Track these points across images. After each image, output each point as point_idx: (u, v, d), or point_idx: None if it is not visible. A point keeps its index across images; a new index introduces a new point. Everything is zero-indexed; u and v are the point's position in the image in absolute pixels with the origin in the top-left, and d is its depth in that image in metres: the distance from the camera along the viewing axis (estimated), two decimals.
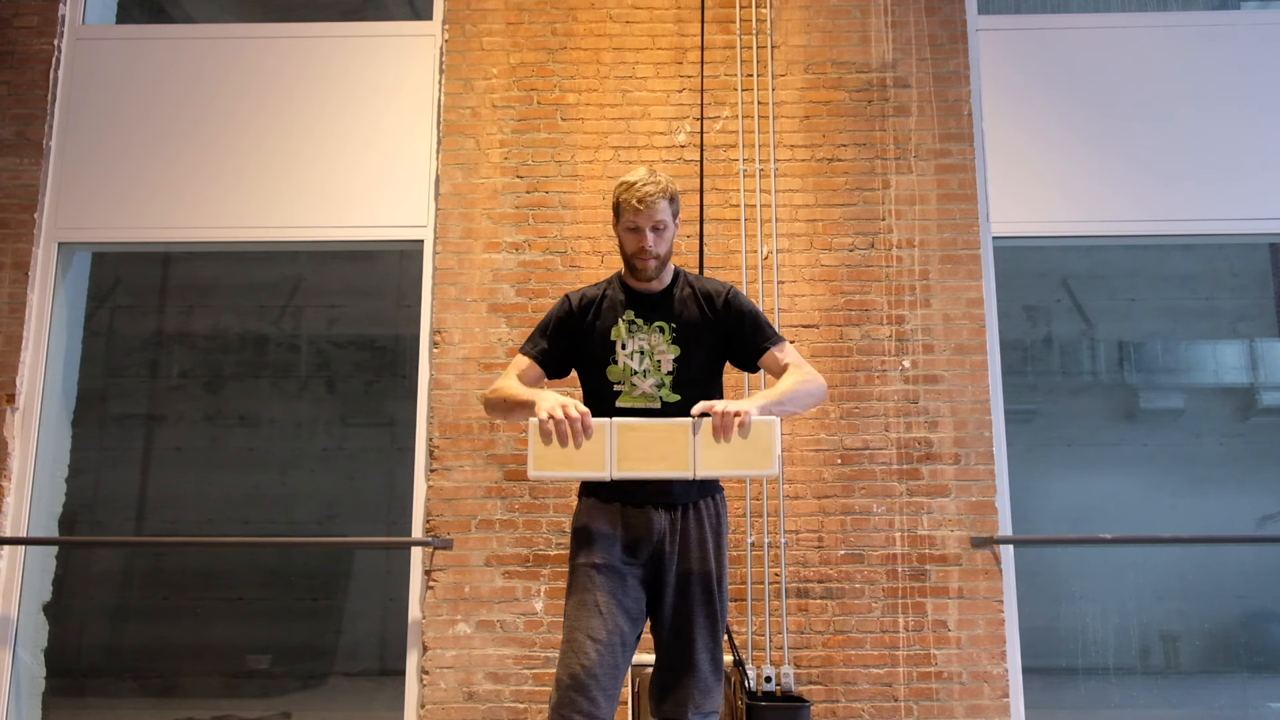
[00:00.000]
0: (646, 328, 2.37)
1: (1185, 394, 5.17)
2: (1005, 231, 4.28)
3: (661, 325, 2.38)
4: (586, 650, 2.13)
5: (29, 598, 4.16)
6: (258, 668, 4.91)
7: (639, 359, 2.35)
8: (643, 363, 2.35)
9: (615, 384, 2.35)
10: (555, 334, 2.42)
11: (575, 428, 2.05)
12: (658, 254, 2.34)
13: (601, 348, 2.37)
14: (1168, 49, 4.43)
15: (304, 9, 5.02)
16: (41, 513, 4.24)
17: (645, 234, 2.32)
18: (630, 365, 2.35)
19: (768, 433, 2.09)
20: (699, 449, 2.07)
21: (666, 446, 2.08)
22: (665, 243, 2.36)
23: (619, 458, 2.07)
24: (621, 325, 2.38)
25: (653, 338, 2.37)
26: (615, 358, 2.36)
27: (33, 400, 4.21)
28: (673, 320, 2.39)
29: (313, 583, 5.10)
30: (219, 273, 5.37)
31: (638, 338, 2.36)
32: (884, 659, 3.84)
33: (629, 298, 2.41)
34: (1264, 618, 4.85)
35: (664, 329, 2.38)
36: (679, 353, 2.36)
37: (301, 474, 5.23)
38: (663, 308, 2.40)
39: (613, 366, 2.36)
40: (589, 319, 2.40)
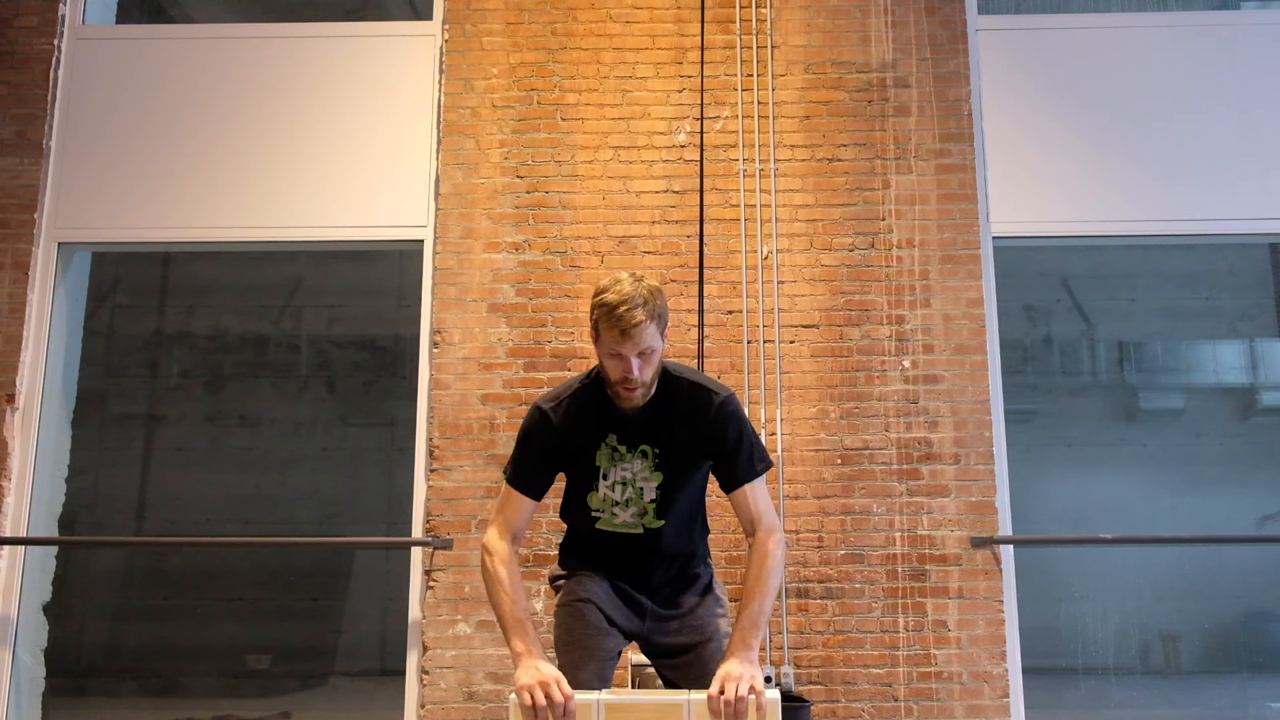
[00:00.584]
0: (629, 455, 2.19)
1: (1185, 394, 5.17)
2: (1005, 231, 4.28)
3: (645, 450, 2.19)
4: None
5: (29, 598, 4.16)
6: (258, 668, 4.91)
7: (620, 489, 2.20)
8: (624, 493, 2.20)
9: (595, 510, 2.23)
10: (538, 460, 2.22)
11: (555, 713, 1.89)
12: (644, 382, 2.10)
13: (583, 472, 2.22)
14: (1168, 49, 4.43)
15: (304, 9, 5.02)
16: (41, 513, 4.24)
17: (630, 362, 2.05)
18: (611, 496, 2.21)
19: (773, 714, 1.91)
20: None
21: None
22: (652, 368, 2.10)
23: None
24: (604, 451, 2.19)
25: (635, 465, 2.19)
26: (596, 485, 2.21)
27: (33, 400, 4.21)
28: (658, 444, 2.18)
29: (313, 583, 5.10)
30: (219, 273, 5.37)
31: (620, 467, 2.19)
32: (884, 659, 3.84)
33: (610, 416, 2.19)
34: (1264, 618, 4.85)
35: (648, 454, 2.19)
36: (662, 479, 2.19)
37: (301, 474, 5.23)
38: (648, 428, 2.18)
39: (593, 494, 2.22)
40: (569, 436, 2.20)
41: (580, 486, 2.24)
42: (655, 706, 1.91)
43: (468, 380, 4.10)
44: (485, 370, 4.10)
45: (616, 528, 2.22)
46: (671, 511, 2.21)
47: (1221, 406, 5.15)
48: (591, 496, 2.22)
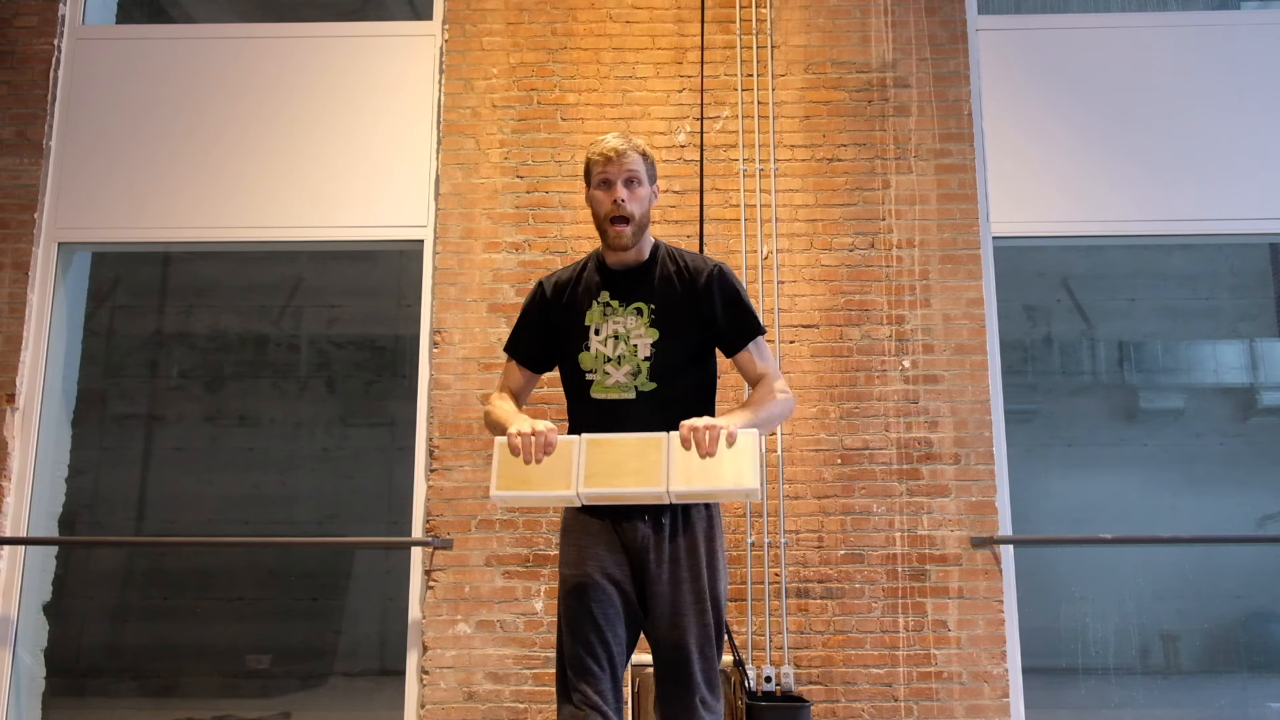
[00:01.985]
0: (622, 310, 2.17)
1: (1185, 394, 5.17)
2: (1005, 231, 4.28)
3: (640, 306, 2.17)
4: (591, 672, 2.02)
5: (29, 598, 4.16)
6: (258, 668, 4.91)
7: (613, 344, 2.15)
8: (617, 348, 2.15)
9: (587, 372, 2.16)
10: (532, 327, 2.25)
11: (537, 442, 1.92)
12: (631, 213, 2.12)
13: (574, 334, 2.19)
14: (1168, 49, 4.43)
15: (304, 9, 5.02)
16: (41, 513, 4.24)
17: (617, 187, 2.11)
18: (604, 352, 2.15)
19: (749, 447, 1.90)
20: (673, 465, 1.90)
21: (638, 462, 1.91)
22: (640, 202, 2.14)
23: (586, 475, 1.91)
24: (596, 309, 2.18)
25: (629, 320, 2.16)
26: (588, 344, 2.16)
27: (33, 400, 4.21)
28: (652, 300, 2.17)
29: (313, 583, 5.10)
30: (219, 273, 5.38)
31: (612, 321, 2.16)
32: (884, 659, 3.84)
33: (605, 277, 2.21)
34: (1264, 618, 4.85)
35: (642, 310, 2.16)
36: (657, 336, 2.14)
37: (301, 474, 5.23)
38: (641, 286, 2.18)
39: (584, 354, 2.16)
40: (563, 303, 2.21)
41: (573, 351, 2.19)
42: (637, 441, 1.93)
43: (468, 380, 4.10)
44: (485, 370, 4.10)
45: (609, 391, 2.13)
46: (666, 375, 2.14)
47: (1221, 406, 5.15)
48: (583, 357, 2.17)
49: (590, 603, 2.07)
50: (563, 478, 1.91)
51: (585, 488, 1.90)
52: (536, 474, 1.92)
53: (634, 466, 1.90)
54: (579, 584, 2.09)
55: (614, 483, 1.90)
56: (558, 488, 1.90)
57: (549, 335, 2.24)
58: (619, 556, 2.12)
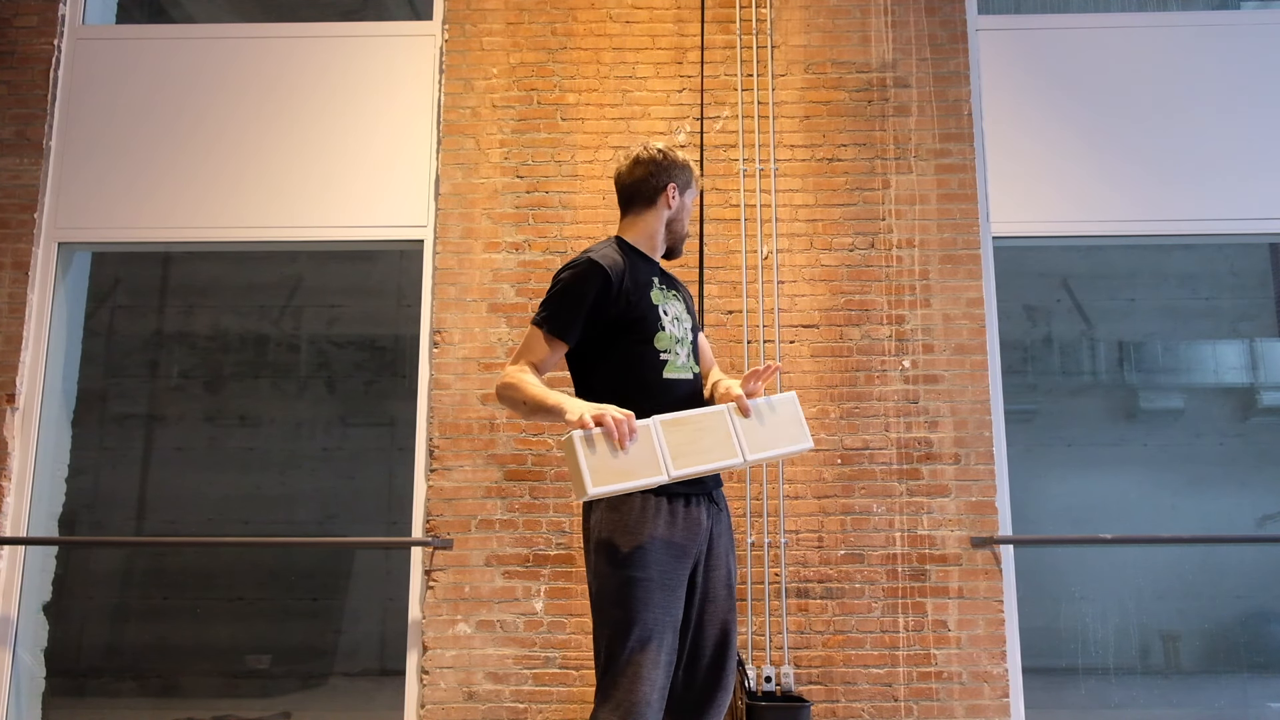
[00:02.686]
0: (670, 295, 2.29)
1: (1185, 394, 5.17)
2: (1005, 231, 4.28)
3: (676, 293, 2.33)
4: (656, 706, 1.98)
5: (29, 598, 4.16)
6: (258, 668, 4.91)
7: (678, 325, 2.25)
8: (681, 328, 2.25)
9: (662, 352, 2.19)
10: (590, 309, 2.16)
11: (623, 429, 1.87)
12: None
13: (648, 313, 2.19)
14: (1168, 49, 4.43)
15: (304, 9, 5.02)
16: (41, 513, 4.24)
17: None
18: (674, 333, 2.22)
19: (792, 408, 2.10)
20: (742, 435, 2.01)
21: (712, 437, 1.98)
22: None
23: (672, 455, 1.93)
24: (656, 291, 2.25)
25: (677, 306, 2.29)
26: (662, 324, 2.20)
27: (33, 400, 4.21)
28: (678, 291, 2.35)
29: (313, 583, 5.10)
30: (219, 273, 5.38)
31: (672, 303, 2.27)
32: (884, 659, 3.84)
33: (649, 264, 2.30)
34: (1264, 618, 4.85)
35: (679, 297, 2.33)
36: (691, 322, 2.33)
37: (301, 474, 5.23)
38: (669, 279, 2.35)
39: (661, 334, 2.19)
40: (625, 286, 2.19)
41: (646, 332, 2.18)
42: (704, 416, 2.01)
43: (468, 380, 4.10)
44: (485, 370, 4.10)
45: (679, 371, 2.20)
46: (696, 361, 2.30)
47: (1221, 406, 5.15)
48: (659, 337, 2.19)
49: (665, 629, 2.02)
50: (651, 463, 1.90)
51: (676, 469, 1.92)
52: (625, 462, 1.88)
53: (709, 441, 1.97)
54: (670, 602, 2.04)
55: (699, 460, 1.95)
56: (650, 473, 1.89)
57: (601, 315, 2.17)
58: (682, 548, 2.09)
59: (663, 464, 1.91)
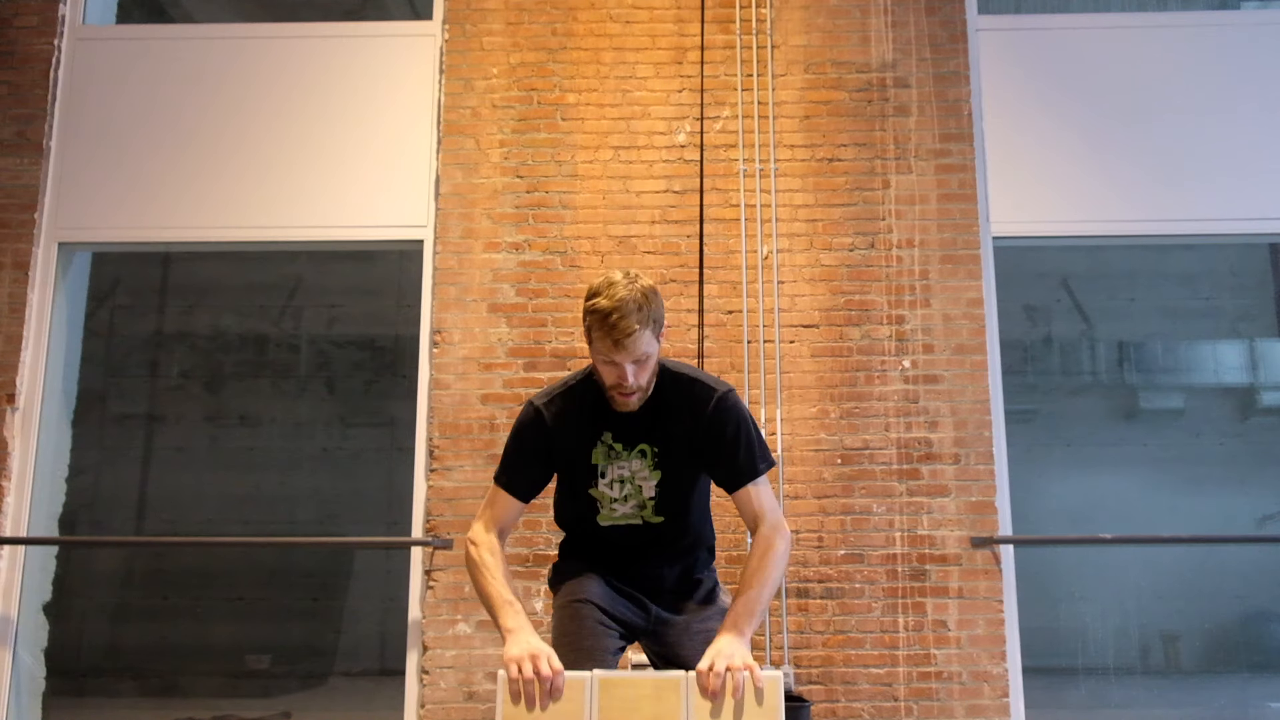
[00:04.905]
0: (626, 453, 2.11)
1: (1185, 394, 5.17)
2: (1005, 231, 4.28)
3: (643, 449, 2.11)
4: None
5: (29, 598, 4.16)
6: (258, 668, 4.91)
7: (618, 487, 2.13)
8: (623, 490, 2.12)
9: (597, 501, 2.15)
10: (531, 458, 2.14)
11: (543, 689, 1.78)
12: (640, 387, 2.02)
13: (580, 471, 2.14)
14: (1167, 49, 4.43)
15: (304, 9, 5.02)
16: (41, 513, 4.23)
17: (625, 369, 1.97)
18: (609, 494, 2.13)
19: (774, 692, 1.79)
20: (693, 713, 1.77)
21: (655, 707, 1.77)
22: (648, 373, 2.03)
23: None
24: (600, 449, 2.12)
25: (633, 464, 2.11)
26: (595, 483, 2.13)
27: (33, 400, 4.21)
28: (655, 442, 2.10)
29: (313, 583, 5.10)
30: (219, 273, 5.38)
31: (617, 465, 2.12)
32: (884, 659, 3.84)
33: (606, 414, 2.11)
34: (1264, 618, 4.85)
35: (645, 453, 2.11)
36: (660, 477, 2.11)
37: (301, 474, 5.23)
38: (645, 426, 2.11)
39: (593, 489, 2.14)
40: (564, 436, 2.12)
41: (578, 484, 2.16)
42: (653, 683, 1.80)
43: (468, 380, 4.10)
44: (485, 370, 4.10)
45: (617, 520, 2.14)
46: (672, 509, 2.14)
47: (1221, 406, 5.15)
48: (592, 490, 2.15)
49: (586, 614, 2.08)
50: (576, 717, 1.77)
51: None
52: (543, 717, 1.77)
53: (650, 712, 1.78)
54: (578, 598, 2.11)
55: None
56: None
57: (549, 465, 2.16)
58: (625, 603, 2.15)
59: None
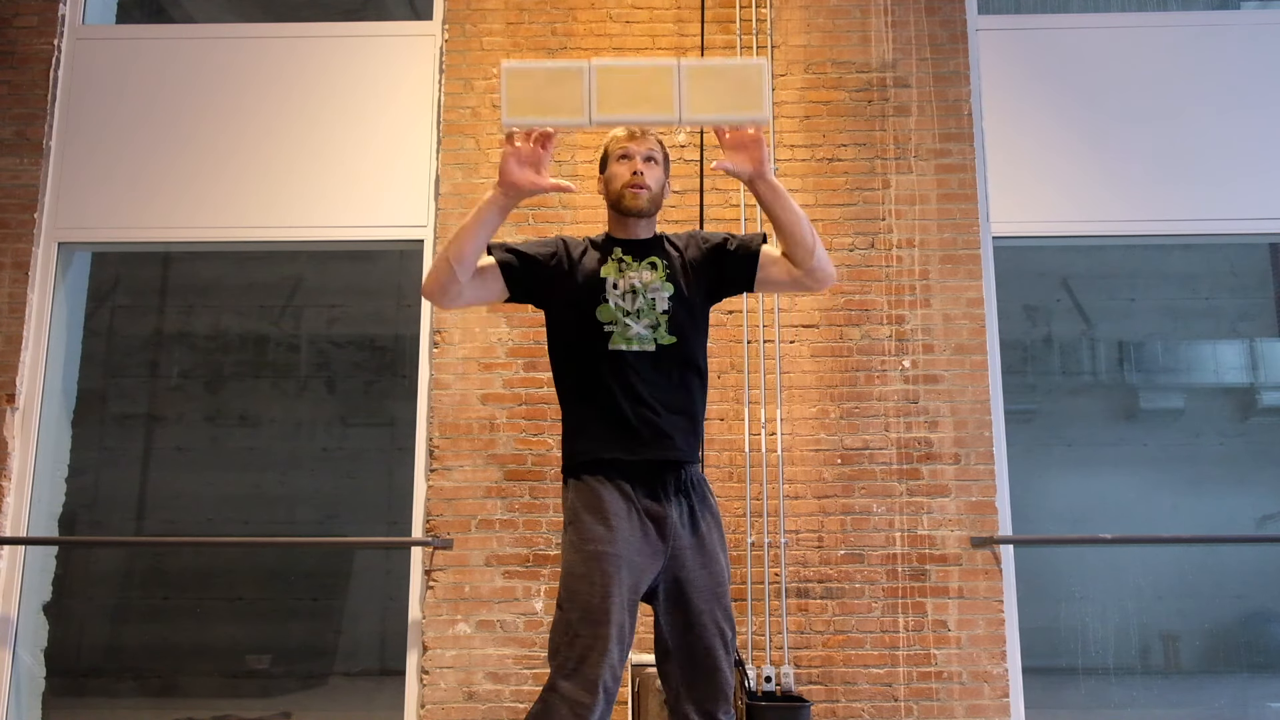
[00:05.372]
0: (637, 264, 2.20)
1: (1185, 394, 5.17)
2: (1005, 231, 4.28)
3: (653, 261, 2.22)
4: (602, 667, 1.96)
5: (29, 598, 4.16)
6: (258, 668, 4.91)
7: (631, 298, 2.16)
8: (635, 302, 2.16)
9: (606, 324, 2.14)
10: (532, 255, 2.20)
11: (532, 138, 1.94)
12: (649, 184, 2.19)
13: (589, 287, 2.17)
14: (1168, 49, 4.43)
15: (304, 9, 5.02)
16: (41, 513, 4.24)
17: (637, 159, 2.19)
18: (622, 305, 2.15)
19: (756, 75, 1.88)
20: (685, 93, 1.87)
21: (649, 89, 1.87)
22: (656, 180, 2.22)
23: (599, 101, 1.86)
24: (611, 264, 2.20)
25: (644, 274, 2.19)
26: (605, 296, 2.16)
27: (33, 400, 4.21)
28: (663, 257, 2.23)
29: (313, 583, 5.10)
30: (219, 273, 5.37)
31: (629, 275, 2.18)
32: (884, 659, 3.84)
33: (617, 240, 2.26)
34: (1264, 618, 4.85)
35: (655, 265, 2.21)
36: (673, 290, 2.19)
37: (301, 474, 5.22)
38: (651, 247, 2.25)
39: (603, 306, 2.15)
40: (574, 257, 2.21)
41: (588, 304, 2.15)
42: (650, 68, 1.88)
43: (468, 380, 4.10)
44: (485, 370, 4.10)
45: (629, 343, 2.12)
46: (682, 331, 2.16)
47: (1221, 406, 5.14)
48: (601, 309, 2.15)
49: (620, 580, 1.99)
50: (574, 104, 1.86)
51: (599, 114, 1.86)
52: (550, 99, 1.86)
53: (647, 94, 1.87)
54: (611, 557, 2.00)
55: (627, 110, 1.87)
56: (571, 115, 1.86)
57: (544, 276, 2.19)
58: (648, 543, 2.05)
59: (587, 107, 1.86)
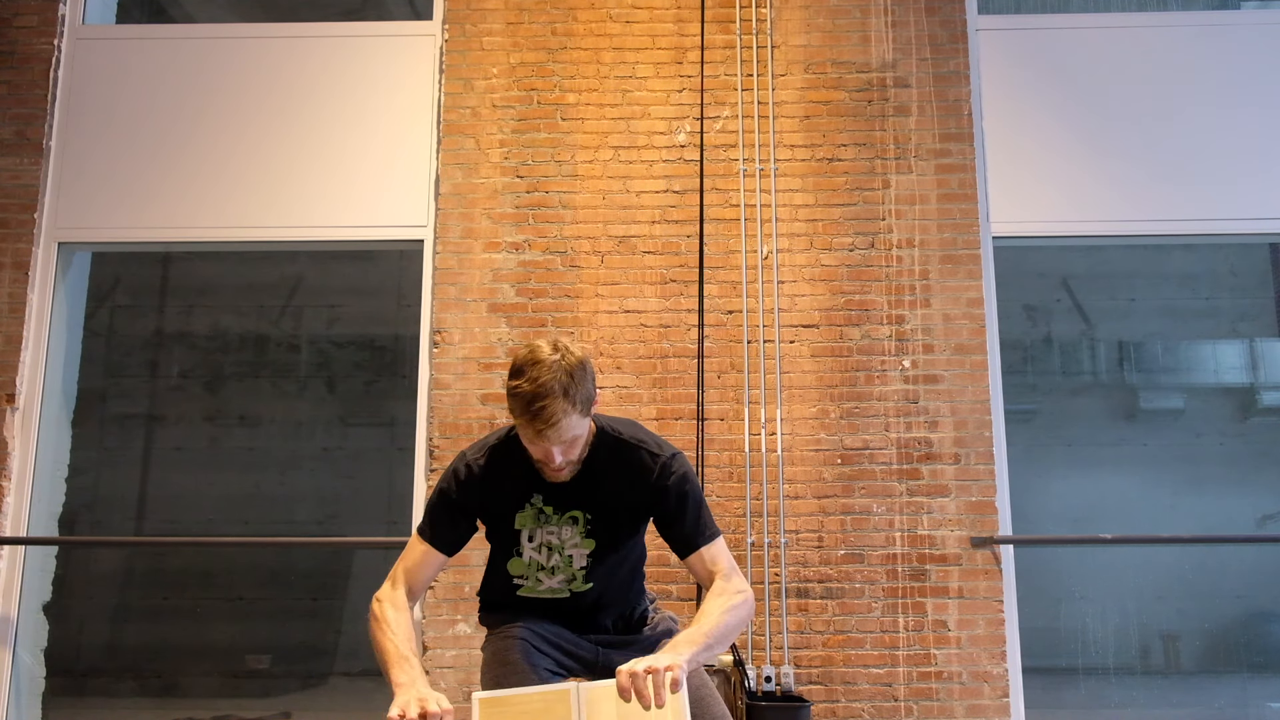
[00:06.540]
0: (557, 519, 1.99)
1: (1185, 394, 5.17)
2: (1005, 231, 4.28)
3: (575, 515, 1.99)
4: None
5: (29, 598, 4.16)
6: (258, 668, 4.91)
7: (546, 554, 2.01)
8: (550, 558, 2.01)
9: (516, 577, 2.03)
10: (454, 513, 2.02)
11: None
12: (569, 462, 1.91)
13: (504, 535, 2.03)
14: (1168, 49, 4.43)
15: (304, 9, 5.02)
16: (41, 513, 4.23)
17: (551, 450, 1.85)
18: (537, 560, 2.01)
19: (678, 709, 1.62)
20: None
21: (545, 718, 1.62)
22: (578, 449, 1.91)
23: None
24: (529, 512, 2.00)
25: (563, 531, 1.99)
26: (519, 549, 2.02)
27: (33, 400, 4.21)
28: (589, 509, 1.99)
29: (313, 583, 5.10)
30: (219, 273, 5.38)
31: (545, 530, 2.00)
32: (884, 659, 3.84)
33: (538, 478, 1.99)
34: (1264, 618, 4.85)
35: (578, 519, 1.99)
36: (593, 547, 2.00)
37: (301, 474, 5.23)
38: (578, 492, 1.99)
39: (515, 560, 2.03)
40: (490, 493, 2.01)
41: (502, 552, 2.05)
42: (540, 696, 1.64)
43: (468, 380, 4.10)
44: (485, 370, 4.10)
45: (540, 594, 2.03)
46: (603, 576, 2.03)
47: (1221, 406, 5.15)
48: (513, 563, 2.03)
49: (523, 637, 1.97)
50: None
51: None
52: None
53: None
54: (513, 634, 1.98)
55: None
56: None
57: (467, 519, 2.05)
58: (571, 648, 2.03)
59: None
